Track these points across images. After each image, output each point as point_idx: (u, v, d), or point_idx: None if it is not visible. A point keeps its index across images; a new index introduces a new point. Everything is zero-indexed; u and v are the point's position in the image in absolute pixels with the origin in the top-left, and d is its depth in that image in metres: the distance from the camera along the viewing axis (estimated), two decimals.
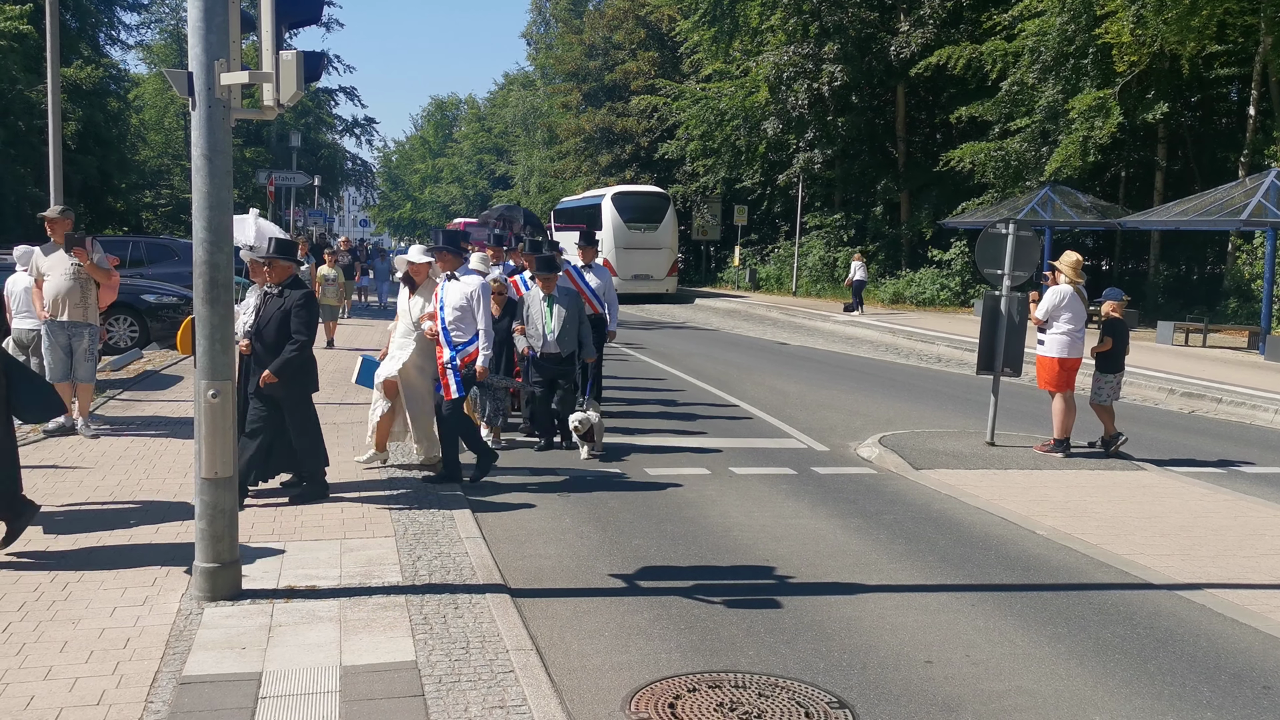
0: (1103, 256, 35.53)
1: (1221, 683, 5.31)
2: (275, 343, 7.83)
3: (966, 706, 4.95)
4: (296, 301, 7.86)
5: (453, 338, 8.78)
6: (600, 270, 12.17)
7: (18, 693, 4.59)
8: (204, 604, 5.67)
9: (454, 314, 8.78)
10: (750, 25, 37.56)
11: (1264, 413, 14.36)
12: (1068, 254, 11.12)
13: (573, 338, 10.52)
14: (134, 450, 9.58)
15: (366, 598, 5.88)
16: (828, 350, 22.04)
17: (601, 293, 11.89)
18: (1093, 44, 26.07)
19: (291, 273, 8.08)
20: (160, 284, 18.50)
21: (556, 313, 10.47)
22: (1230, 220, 21.66)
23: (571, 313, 10.51)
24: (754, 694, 5.00)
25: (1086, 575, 7.04)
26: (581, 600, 6.26)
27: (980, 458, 10.57)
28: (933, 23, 32.05)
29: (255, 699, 4.58)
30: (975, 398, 14.52)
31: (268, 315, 7.92)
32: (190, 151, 5.69)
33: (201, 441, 5.65)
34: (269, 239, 8.97)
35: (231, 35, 5.44)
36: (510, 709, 4.59)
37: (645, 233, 35.88)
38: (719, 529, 7.90)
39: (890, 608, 6.28)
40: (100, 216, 44.70)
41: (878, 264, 36.79)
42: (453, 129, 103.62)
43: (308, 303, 7.92)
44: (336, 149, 71.78)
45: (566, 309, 10.50)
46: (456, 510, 7.84)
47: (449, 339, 8.78)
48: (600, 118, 50.04)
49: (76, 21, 44.24)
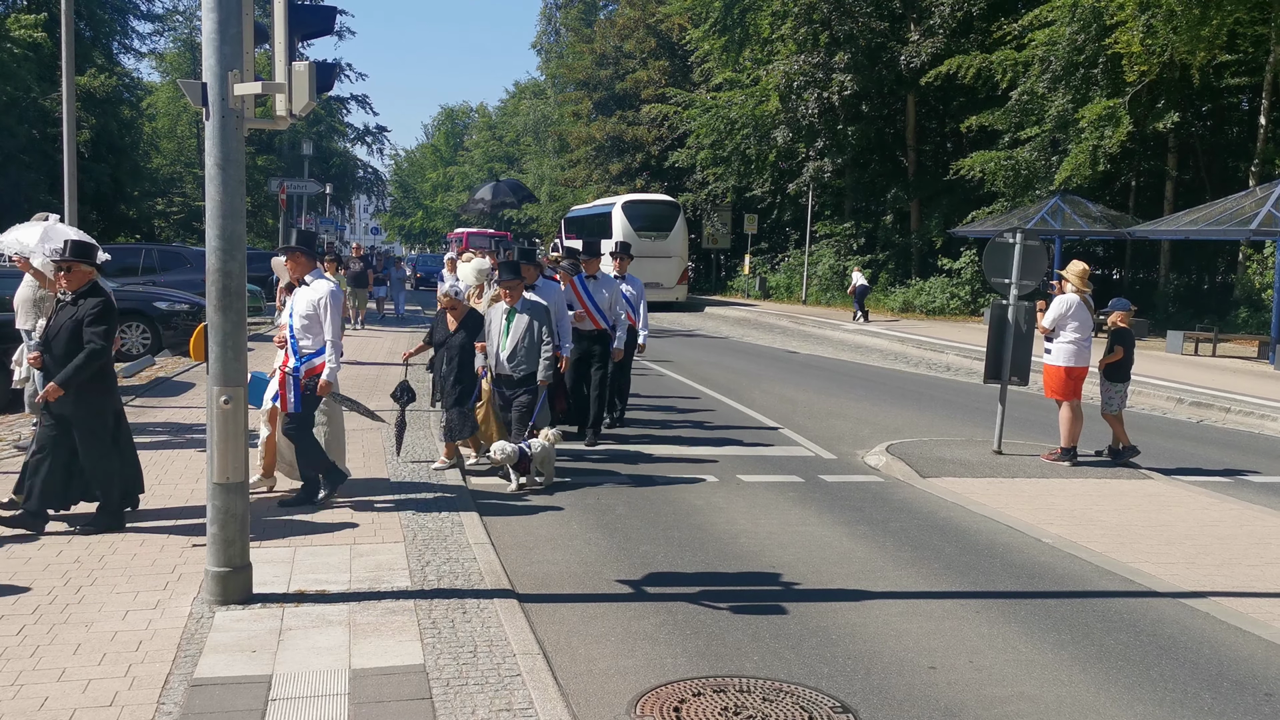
0: (1113, 266, 35.50)
1: (1224, 690, 5.34)
2: (64, 356, 7.11)
3: (969, 712, 4.98)
4: (90, 310, 7.14)
5: (300, 347, 8.00)
6: (607, 280, 11.48)
7: (32, 694, 4.66)
8: (215, 607, 5.74)
9: (302, 322, 8.00)
10: (761, 34, 37.63)
11: (1273, 422, 14.35)
12: (1074, 263, 11.15)
13: (531, 357, 9.26)
14: (146, 456, 9.62)
15: (376, 602, 5.94)
16: (837, 359, 22.07)
17: (607, 306, 11.31)
18: (1103, 53, 26.09)
19: (90, 278, 7.36)
20: (172, 291, 18.63)
21: (513, 328, 9.31)
22: (1240, 230, 21.64)
23: (533, 329, 9.26)
24: (758, 699, 5.04)
25: (1091, 583, 7.07)
26: (588, 605, 6.31)
27: (987, 466, 10.59)
28: (943, 32, 32.10)
29: (265, 701, 4.64)
30: (983, 406, 14.53)
31: (58, 325, 7.22)
32: (203, 160, 5.77)
33: (214, 447, 5.72)
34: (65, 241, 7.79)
35: (245, 46, 5.53)
36: (517, 712, 4.64)
37: (655, 241, 35.95)
38: (726, 535, 7.94)
39: (895, 614, 6.31)
40: (113, 224, 44.91)
41: (888, 273, 36.81)
42: (464, 137, 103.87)
43: (103, 311, 7.18)
44: (348, 157, 72.09)
45: (527, 324, 9.26)
46: (465, 516, 7.90)
47: (295, 348, 8.02)
48: (611, 126, 50.16)
49: (90, 30, 44.51)
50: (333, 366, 8.00)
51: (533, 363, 9.25)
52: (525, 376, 9.30)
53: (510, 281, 9.39)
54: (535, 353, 9.25)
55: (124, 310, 17.17)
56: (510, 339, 9.26)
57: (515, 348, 9.24)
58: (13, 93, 35.65)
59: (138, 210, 48.69)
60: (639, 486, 9.46)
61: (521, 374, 9.28)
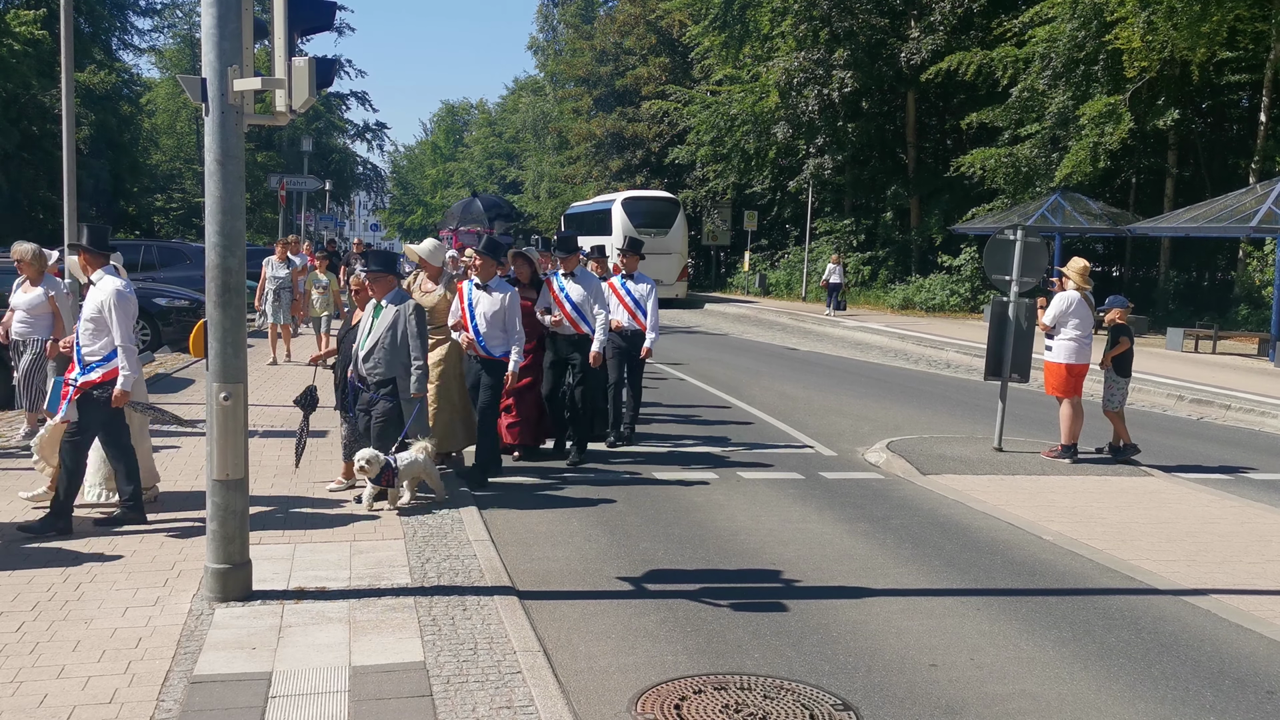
0: (1113, 263, 35.48)
1: (1225, 688, 5.33)
2: None
3: (970, 709, 4.98)
4: None
5: (84, 353, 7.21)
6: (586, 278, 10.30)
7: (31, 691, 4.65)
8: (215, 604, 5.73)
9: (87, 326, 7.21)
10: (761, 31, 37.62)
11: (1273, 419, 14.34)
12: (1075, 260, 11.14)
13: (392, 362, 8.03)
14: None
15: (376, 599, 5.93)
16: (836, 355, 22.06)
17: (585, 306, 10.04)
18: (1103, 50, 26.06)
19: None
20: (172, 287, 18.61)
21: (375, 326, 8.12)
22: (1240, 227, 21.63)
23: (396, 330, 8.03)
24: (759, 696, 5.03)
25: (1092, 580, 7.06)
26: (589, 603, 6.30)
27: (988, 463, 10.58)
28: (943, 29, 32.07)
29: (265, 698, 4.63)
30: (983, 403, 14.52)
31: None
32: (202, 156, 5.76)
33: (213, 444, 5.71)
34: None
35: (245, 42, 5.51)
36: (517, 709, 4.63)
37: (655, 237, 35.94)
38: (726, 533, 7.93)
39: (896, 611, 6.30)
40: (112, 220, 44.86)
41: (887, 270, 36.79)
42: (463, 133, 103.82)
43: None
44: (348, 153, 72.01)
45: (389, 324, 8.04)
46: (465, 513, 7.89)
47: (80, 354, 7.25)
48: (611, 123, 50.13)
49: (90, 26, 44.51)
50: (127, 374, 7.13)
51: (393, 368, 8.03)
52: (383, 381, 8.06)
53: (373, 273, 8.15)
54: (397, 357, 8.03)
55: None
56: (370, 338, 8.06)
57: (373, 348, 8.03)
58: (12, 89, 35.64)
59: (137, 206, 48.75)
60: (639, 483, 9.45)
61: (378, 378, 8.05)
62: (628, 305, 11.10)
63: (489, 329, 9.01)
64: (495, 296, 9.00)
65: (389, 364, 8.04)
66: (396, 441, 8.05)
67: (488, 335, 9.01)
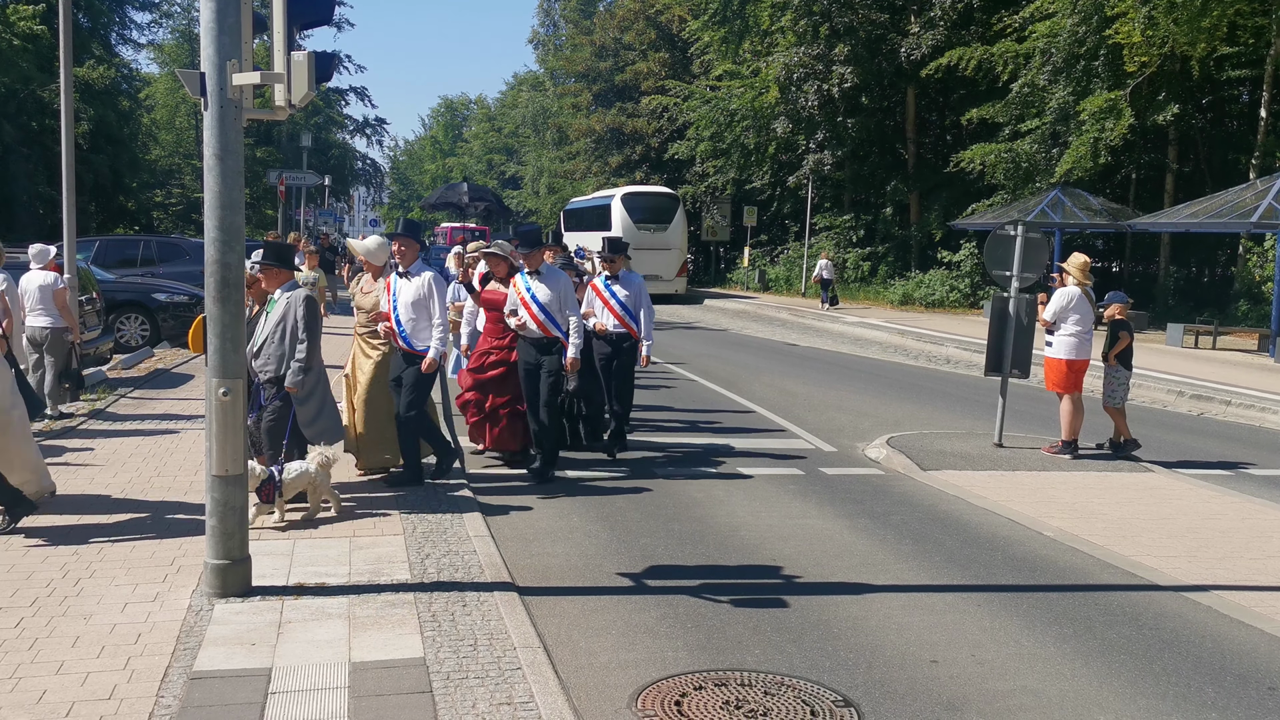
0: (1113, 258, 35.44)
1: (1226, 684, 5.33)
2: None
3: (971, 706, 4.97)
4: None
5: None
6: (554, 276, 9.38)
7: (30, 687, 4.64)
8: (214, 600, 5.72)
9: None
10: (760, 26, 37.56)
11: (1273, 415, 14.33)
12: (1075, 256, 11.12)
13: (283, 357, 7.50)
14: (145, 448, 9.64)
15: (375, 595, 5.92)
16: (836, 351, 22.05)
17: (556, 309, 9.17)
18: (1103, 45, 26.03)
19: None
20: (171, 283, 18.59)
21: (267, 320, 7.65)
22: (1241, 223, 21.61)
23: (285, 325, 7.53)
24: (760, 692, 5.03)
25: (1093, 576, 7.05)
26: (589, 599, 6.29)
27: (988, 459, 10.57)
28: (943, 24, 32.01)
29: (265, 694, 4.62)
30: (984, 399, 14.52)
31: None
32: (201, 151, 5.74)
33: (212, 439, 5.70)
34: None
35: (244, 36, 5.49)
36: (518, 705, 4.62)
37: (655, 233, 35.91)
38: (726, 529, 7.93)
39: (897, 607, 6.30)
40: (111, 215, 44.90)
41: (887, 265, 36.76)
42: (462, 129, 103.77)
43: None
44: (347, 149, 71.98)
45: (278, 319, 7.56)
46: (465, 509, 7.88)
47: None
48: (610, 118, 50.09)
49: (89, 21, 44.42)
50: None
51: (284, 365, 7.49)
52: (271, 380, 7.54)
53: (266, 265, 7.63)
54: (286, 353, 7.47)
55: (123, 302, 17.22)
56: (263, 332, 7.58)
57: (263, 344, 7.53)
58: (11, 84, 35.58)
59: (136, 202, 48.67)
60: (638, 479, 9.44)
61: (268, 376, 7.54)
62: (613, 309, 10.26)
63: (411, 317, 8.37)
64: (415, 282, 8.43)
65: (279, 360, 7.51)
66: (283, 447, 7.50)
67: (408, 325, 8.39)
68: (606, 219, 36.29)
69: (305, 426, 7.61)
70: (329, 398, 7.82)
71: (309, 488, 7.37)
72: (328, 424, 7.74)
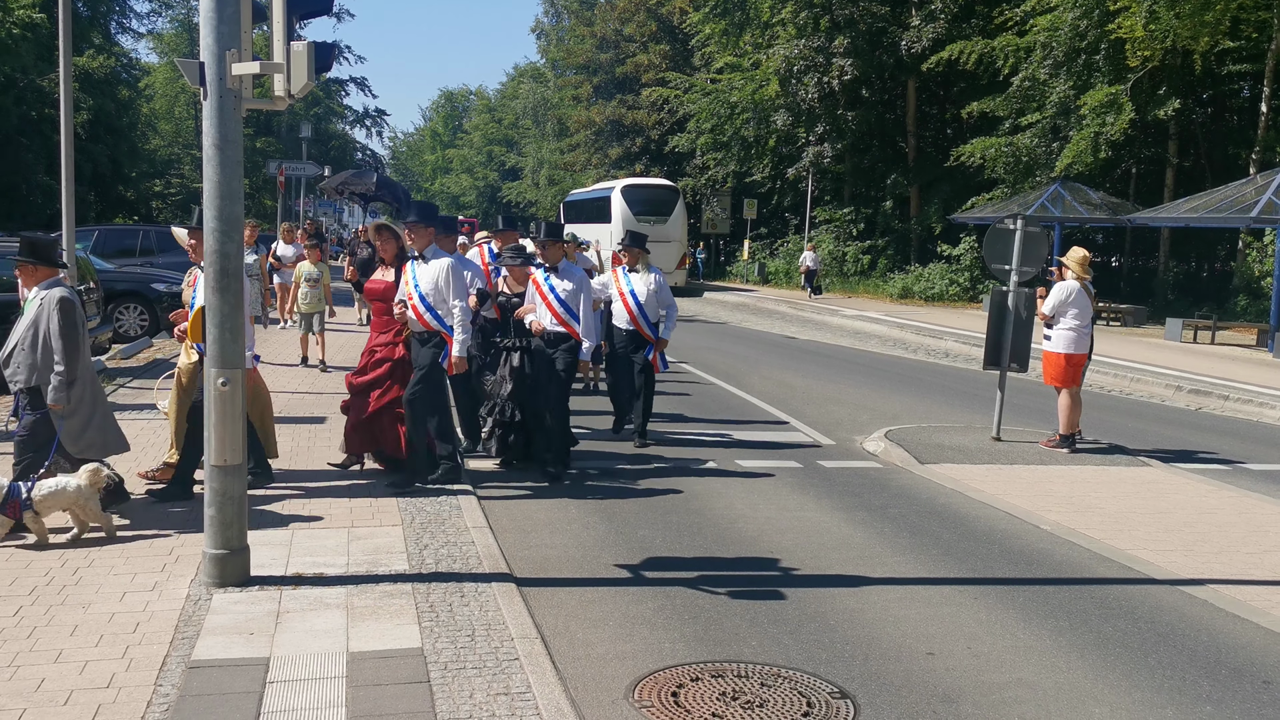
0: (1113, 253, 35.47)
1: (1221, 677, 5.34)
2: None
3: (967, 697, 4.98)
4: None
5: None
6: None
7: (29, 675, 4.65)
8: (213, 590, 5.73)
9: None
10: (761, 18, 37.54)
11: (1271, 410, 14.34)
12: (1074, 250, 11.12)
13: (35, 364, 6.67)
14: (143, 438, 9.65)
15: (373, 585, 5.93)
16: (835, 345, 22.06)
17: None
18: (1105, 39, 26.03)
19: None
20: (170, 272, 18.57)
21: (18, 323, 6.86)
22: (1240, 217, 21.62)
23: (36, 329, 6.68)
24: (756, 683, 5.04)
25: (1089, 570, 7.07)
26: (586, 590, 6.30)
27: (986, 452, 10.59)
28: (944, 17, 32.01)
29: (263, 683, 4.63)
30: (982, 393, 14.52)
31: None
32: (201, 141, 5.73)
33: (211, 429, 5.70)
34: None
35: (243, 25, 5.48)
36: (515, 696, 4.64)
37: (655, 225, 35.91)
38: (724, 521, 7.94)
39: (893, 600, 6.31)
40: (110, 205, 44.86)
41: (886, 259, 36.78)
42: (463, 120, 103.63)
43: None
44: (347, 140, 71.91)
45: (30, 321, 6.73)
46: (463, 500, 7.88)
47: None
48: (611, 110, 50.08)
49: (88, 10, 44.39)
50: None
51: (35, 374, 6.65)
52: (23, 390, 6.75)
53: (24, 264, 6.88)
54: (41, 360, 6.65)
55: (122, 291, 17.23)
56: (13, 337, 6.78)
57: (12, 349, 6.74)
58: (10, 72, 35.52)
59: (135, 191, 48.65)
60: (636, 470, 9.45)
61: (18, 385, 6.74)
62: (552, 305, 9.08)
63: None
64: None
65: (30, 369, 6.64)
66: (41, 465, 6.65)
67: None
68: (606, 211, 36.28)
69: (71, 442, 6.77)
70: (100, 408, 6.98)
71: (74, 507, 6.45)
72: (97, 438, 6.92)
